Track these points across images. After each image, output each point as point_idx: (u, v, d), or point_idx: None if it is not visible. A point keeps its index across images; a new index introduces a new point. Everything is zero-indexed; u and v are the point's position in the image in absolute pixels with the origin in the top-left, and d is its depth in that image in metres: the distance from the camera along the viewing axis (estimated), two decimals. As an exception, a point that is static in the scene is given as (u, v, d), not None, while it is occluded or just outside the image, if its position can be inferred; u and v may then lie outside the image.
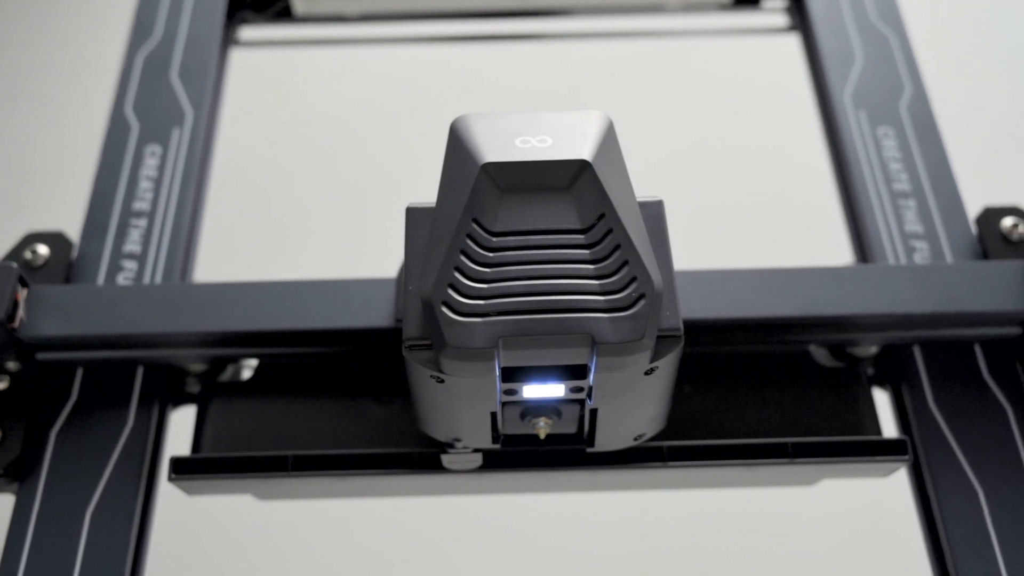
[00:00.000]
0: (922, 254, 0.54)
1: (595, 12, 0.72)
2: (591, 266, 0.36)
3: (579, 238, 0.36)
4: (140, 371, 0.49)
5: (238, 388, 0.49)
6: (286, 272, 0.53)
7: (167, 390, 0.50)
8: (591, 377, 0.36)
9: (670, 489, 0.49)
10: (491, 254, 0.36)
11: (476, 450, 0.42)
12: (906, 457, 0.45)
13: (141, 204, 0.55)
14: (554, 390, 0.38)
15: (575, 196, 0.37)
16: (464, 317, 0.35)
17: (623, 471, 0.45)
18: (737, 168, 1.12)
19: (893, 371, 0.51)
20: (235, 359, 0.49)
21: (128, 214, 0.54)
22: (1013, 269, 0.49)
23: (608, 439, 0.41)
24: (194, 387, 0.50)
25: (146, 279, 0.52)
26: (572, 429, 0.42)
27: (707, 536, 0.95)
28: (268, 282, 0.48)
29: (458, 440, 0.41)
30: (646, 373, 0.37)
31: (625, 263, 0.36)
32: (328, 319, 0.47)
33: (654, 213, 0.40)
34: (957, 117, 0.67)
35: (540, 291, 0.35)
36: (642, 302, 0.35)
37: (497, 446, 0.41)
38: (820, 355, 0.51)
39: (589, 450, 0.42)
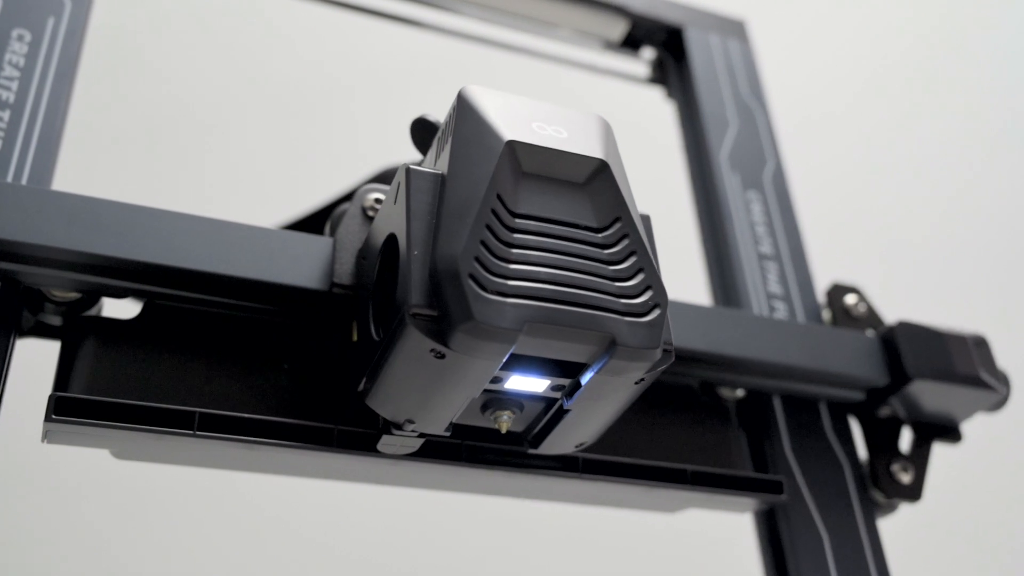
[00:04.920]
0: (780, 314, 0.58)
1: (484, 18, 0.71)
2: (608, 267, 0.35)
3: (596, 237, 0.36)
4: (-3, 287, 0.41)
5: (117, 328, 0.42)
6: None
7: (20, 317, 0.42)
8: (587, 377, 0.36)
9: (569, 503, 0.48)
10: (514, 235, 0.35)
11: (421, 435, 0.39)
12: (783, 496, 0.49)
13: (4, 93, 0.46)
14: (537, 384, 0.37)
15: (591, 194, 0.37)
16: (490, 294, 0.33)
17: (540, 477, 0.44)
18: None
19: (755, 417, 0.54)
20: (120, 292, 0.42)
21: (-14, 100, 0.45)
22: (868, 340, 0.54)
23: (556, 443, 0.40)
24: (53, 318, 0.43)
25: (8, 180, 0.44)
26: (520, 428, 0.40)
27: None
28: (177, 213, 0.42)
29: (411, 422, 0.38)
30: (635, 383, 0.37)
31: (640, 270, 0.36)
32: (251, 269, 0.42)
33: (644, 227, 0.40)
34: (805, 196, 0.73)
35: (568, 283, 0.34)
36: (657, 311, 0.35)
37: (447, 434, 0.39)
38: (696, 389, 0.54)
39: (531, 451, 0.41)
